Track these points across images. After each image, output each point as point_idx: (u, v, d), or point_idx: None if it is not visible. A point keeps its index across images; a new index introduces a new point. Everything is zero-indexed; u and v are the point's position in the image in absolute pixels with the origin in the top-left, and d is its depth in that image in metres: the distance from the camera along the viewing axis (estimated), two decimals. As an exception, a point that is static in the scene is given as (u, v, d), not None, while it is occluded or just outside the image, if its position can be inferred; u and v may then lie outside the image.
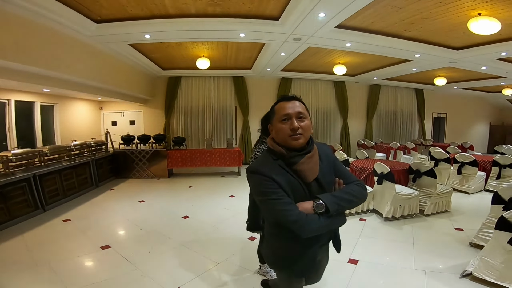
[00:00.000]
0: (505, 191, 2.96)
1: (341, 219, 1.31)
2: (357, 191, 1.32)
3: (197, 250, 3.22)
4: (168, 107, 9.04)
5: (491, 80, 8.54)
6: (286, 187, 1.23)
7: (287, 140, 1.26)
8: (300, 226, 1.19)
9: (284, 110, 1.27)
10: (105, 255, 3.10)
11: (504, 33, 4.36)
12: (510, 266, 2.33)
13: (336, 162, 1.42)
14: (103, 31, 4.76)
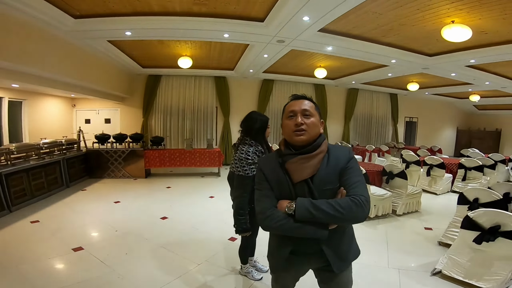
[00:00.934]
0: (470, 192, 3.14)
1: (314, 230, 1.18)
2: (345, 206, 1.15)
3: (176, 251, 3.15)
4: (147, 106, 8.79)
5: (459, 86, 9.08)
6: (272, 182, 1.28)
7: (291, 135, 1.27)
8: (260, 218, 1.26)
9: (291, 107, 1.30)
10: (78, 257, 2.95)
11: (474, 40, 4.57)
12: (476, 264, 2.44)
13: (348, 171, 1.25)
14: (81, 27, 4.56)
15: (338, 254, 1.30)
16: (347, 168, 1.25)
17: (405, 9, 3.80)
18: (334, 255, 1.29)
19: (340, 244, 1.31)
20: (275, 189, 1.28)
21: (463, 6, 3.60)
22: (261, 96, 9.57)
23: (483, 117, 13.76)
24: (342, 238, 1.33)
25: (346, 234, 1.35)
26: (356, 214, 1.16)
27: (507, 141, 12.80)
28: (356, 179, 1.23)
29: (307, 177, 1.23)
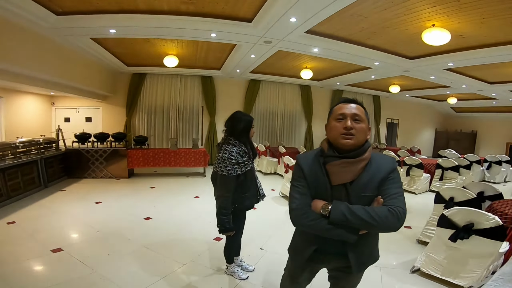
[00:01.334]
0: (446, 191, 3.28)
1: (345, 233, 1.20)
2: (381, 214, 1.15)
3: (161, 252, 3.11)
4: (131, 105, 8.59)
5: (438, 89, 9.47)
6: (310, 178, 1.29)
7: (338, 138, 1.25)
8: (294, 215, 1.28)
9: (341, 109, 1.27)
10: (57, 258, 2.87)
11: (452, 44, 4.76)
12: (452, 262, 2.52)
13: (389, 181, 1.24)
14: (63, 24, 4.43)
15: (360, 257, 1.32)
16: (388, 178, 1.24)
17: (389, 12, 3.91)
18: (356, 258, 1.30)
19: (364, 249, 1.33)
20: (311, 188, 1.29)
21: (443, 10, 3.73)
22: (248, 96, 9.58)
23: (460, 119, 14.40)
24: (368, 243, 1.35)
25: (372, 239, 1.39)
26: (391, 224, 1.16)
27: (482, 143, 13.47)
28: (396, 191, 1.23)
29: (347, 181, 1.24)
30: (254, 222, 4.15)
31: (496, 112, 12.46)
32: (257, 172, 9.63)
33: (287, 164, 5.47)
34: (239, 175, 2.20)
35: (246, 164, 2.27)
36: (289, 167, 5.34)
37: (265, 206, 5.02)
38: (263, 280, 2.62)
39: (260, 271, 2.76)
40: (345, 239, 1.21)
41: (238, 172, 2.19)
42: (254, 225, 4.01)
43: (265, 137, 10.15)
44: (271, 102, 10.12)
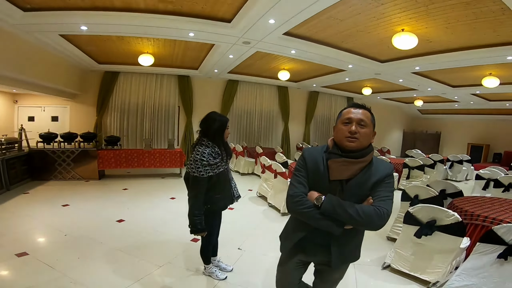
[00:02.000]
0: (411, 189, 3.47)
1: (331, 225, 1.29)
2: (367, 212, 1.26)
3: (135, 254, 3.05)
4: (102, 104, 8.24)
5: (406, 92, 9.97)
6: (310, 170, 1.41)
7: (342, 140, 1.36)
8: (290, 201, 1.39)
9: (348, 114, 1.38)
10: (23, 262, 2.73)
11: (419, 48, 4.98)
12: (419, 258, 2.63)
13: (383, 184, 1.34)
14: (30, 20, 4.19)
15: (342, 253, 1.42)
16: (384, 181, 1.35)
17: (363, 16, 4.05)
18: (338, 253, 1.40)
19: (347, 247, 1.44)
20: (311, 179, 1.41)
21: (413, 15, 3.91)
22: (225, 97, 9.55)
23: (426, 121, 15.29)
24: (351, 242, 1.45)
25: (356, 239, 1.48)
26: (375, 222, 1.27)
27: (445, 143, 14.39)
28: (386, 194, 1.33)
29: (344, 178, 1.35)
30: (231, 222, 4.17)
31: (458, 114, 13.36)
32: (234, 172, 9.59)
33: (264, 164, 5.52)
34: (211, 177, 2.20)
35: (219, 165, 2.26)
36: (266, 167, 5.40)
37: (243, 206, 5.05)
38: (242, 280, 2.64)
39: (238, 271, 2.79)
40: (331, 230, 1.31)
41: (210, 173, 2.19)
42: (232, 225, 4.03)
43: (242, 137, 10.17)
44: (249, 103, 10.15)
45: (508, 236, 2.04)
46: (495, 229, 2.13)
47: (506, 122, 12.10)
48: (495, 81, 6.46)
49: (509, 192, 4.61)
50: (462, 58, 5.47)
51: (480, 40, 4.64)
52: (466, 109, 12.42)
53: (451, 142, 14.13)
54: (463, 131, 13.66)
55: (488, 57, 5.22)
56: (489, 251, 2.13)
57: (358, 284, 2.64)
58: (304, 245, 1.47)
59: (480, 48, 4.94)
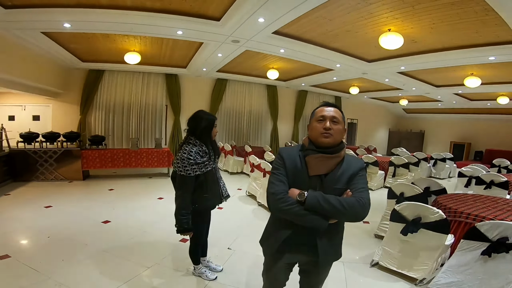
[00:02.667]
0: (397, 187, 3.52)
1: (317, 220, 1.32)
2: (350, 203, 1.31)
3: (123, 255, 2.98)
4: (85, 102, 8.02)
5: (392, 91, 10.19)
6: (289, 170, 1.44)
7: (318, 137, 1.41)
8: (272, 199, 1.40)
9: (322, 112, 1.45)
10: (5, 265, 2.64)
11: (405, 48, 5.08)
12: (405, 255, 2.66)
13: (357, 177, 1.41)
14: (11, 17, 4.05)
15: (328, 251, 1.45)
16: (358, 174, 1.42)
17: (351, 16, 4.09)
18: (324, 251, 1.43)
19: (331, 243, 1.47)
20: (290, 177, 1.43)
21: (399, 15, 3.99)
22: (214, 95, 9.48)
23: (411, 120, 15.67)
24: (335, 238, 1.50)
25: (338, 236, 1.53)
26: (358, 212, 1.32)
27: (429, 141, 14.80)
28: (362, 186, 1.40)
29: (322, 173, 1.40)
30: (221, 222, 4.14)
31: (442, 113, 13.76)
32: (223, 171, 9.53)
33: (253, 163, 5.51)
34: (198, 176, 2.18)
35: (207, 164, 2.24)
36: (255, 166, 5.39)
37: (232, 206, 5.03)
38: (232, 279, 2.63)
39: (229, 271, 2.77)
40: (317, 225, 1.33)
41: (198, 172, 2.17)
42: (221, 225, 4.00)
43: (231, 136, 10.14)
44: (238, 102, 10.12)
45: (491, 233, 2.10)
46: (478, 226, 2.20)
47: (487, 121, 12.55)
48: (477, 81, 6.67)
49: (491, 189, 4.77)
50: (445, 58, 5.62)
51: (463, 40, 4.77)
52: (449, 109, 12.80)
53: (435, 140, 14.54)
54: (446, 130, 14.07)
55: (470, 57, 5.38)
56: (473, 247, 2.19)
57: (348, 281, 2.67)
58: (289, 245, 1.47)
59: (462, 48, 5.08)
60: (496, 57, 5.18)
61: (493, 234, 2.10)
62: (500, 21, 3.79)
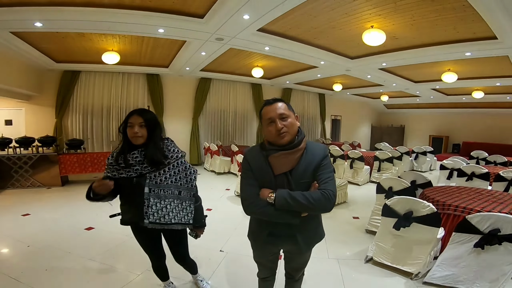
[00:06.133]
0: (385, 182, 3.55)
1: (289, 216, 1.38)
2: (316, 198, 1.34)
3: (110, 263, 2.85)
4: (61, 105, 7.60)
5: (373, 87, 10.40)
6: (256, 172, 1.47)
7: (276, 140, 1.43)
8: (245, 204, 1.45)
9: (268, 114, 1.43)
10: None
11: (386, 45, 5.16)
12: (399, 250, 2.68)
13: (322, 167, 1.43)
14: None
15: (306, 238, 1.52)
16: (321, 165, 1.44)
17: (336, 12, 4.09)
18: (303, 239, 1.50)
19: (309, 231, 1.54)
20: (258, 179, 1.46)
21: (382, 12, 4.03)
22: (198, 95, 9.30)
23: (391, 115, 16.12)
24: (311, 226, 1.54)
25: (313, 221, 1.57)
26: (325, 205, 1.36)
27: (409, 135, 15.28)
28: (327, 176, 1.42)
29: (286, 170, 1.42)
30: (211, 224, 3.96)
31: (420, 108, 14.25)
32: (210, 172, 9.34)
33: (241, 162, 5.44)
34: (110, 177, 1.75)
35: (115, 168, 1.77)
36: (244, 166, 5.32)
37: (221, 206, 4.97)
38: (228, 283, 2.57)
39: (223, 274, 2.71)
40: (290, 222, 1.39)
41: (108, 173, 1.81)
42: (211, 227, 3.83)
43: (217, 136, 10.00)
44: (223, 101, 9.98)
45: (482, 225, 2.14)
46: (469, 218, 2.24)
47: (463, 115, 13.12)
48: (453, 77, 6.91)
49: (472, 181, 4.95)
50: (424, 54, 5.76)
51: (441, 36, 4.90)
52: (427, 103, 13.27)
53: (414, 134, 15.05)
54: (424, 124, 14.59)
55: (447, 53, 5.55)
56: (465, 240, 2.23)
57: (344, 278, 2.66)
58: (272, 238, 1.53)
59: (441, 44, 5.22)
60: (472, 52, 5.37)
61: (484, 226, 2.14)
62: (477, 18, 3.91)
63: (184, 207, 1.82)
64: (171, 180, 1.78)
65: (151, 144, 1.73)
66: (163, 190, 1.75)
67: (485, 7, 3.52)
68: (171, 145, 1.84)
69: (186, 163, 1.87)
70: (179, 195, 1.80)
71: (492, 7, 3.47)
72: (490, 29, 4.19)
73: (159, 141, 1.78)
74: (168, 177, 1.77)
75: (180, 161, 1.83)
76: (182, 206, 1.81)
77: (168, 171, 1.77)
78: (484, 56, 5.55)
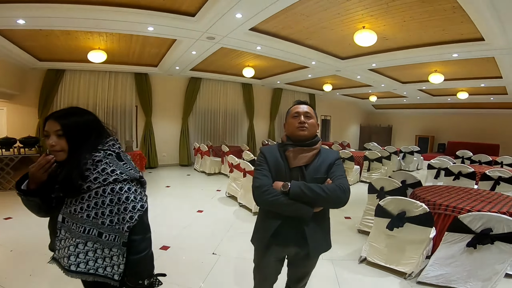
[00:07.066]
0: (377, 182, 3.58)
1: (303, 208, 1.39)
2: (331, 189, 1.40)
3: None
4: (44, 105, 7.30)
5: (362, 88, 10.51)
6: (271, 163, 1.53)
7: (294, 131, 1.54)
8: (257, 192, 1.46)
9: (296, 109, 1.59)
10: None
11: (377, 46, 5.14)
12: (392, 250, 2.70)
13: (335, 166, 1.52)
14: None
15: (316, 242, 1.50)
16: (335, 164, 1.53)
17: (328, 13, 4.08)
18: (313, 241, 1.48)
19: (319, 231, 1.52)
20: (273, 171, 1.52)
21: (374, 12, 4.04)
22: (188, 95, 9.17)
23: (379, 115, 16.38)
24: (321, 226, 1.54)
25: (324, 224, 1.58)
26: (340, 197, 1.40)
27: (397, 135, 15.58)
28: (340, 173, 1.51)
29: (301, 164, 1.49)
30: (202, 226, 4.01)
31: (407, 108, 14.54)
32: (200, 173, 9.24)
33: (232, 163, 5.39)
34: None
35: None
36: (234, 166, 5.27)
37: (212, 208, 4.91)
38: (221, 286, 2.52)
39: (217, 278, 2.65)
40: (302, 213, 1.40)
41: None
42: (203, 229, 3.87)
43: (207, 136, 9.89)
44: (213, 101, 9.88)
45: (474, 225, 2.17)
46: (461, 217, 2.27)
47: (448, 115, 13.47)
48: (440, 78, 7.06)
49: (459, 180, 5.07)
50: (413, 55, 5.84)
51: (430, 38, 4.96)
52: (414, 104, 13.55)
53: (401, 134, 15.35)
54: (411, 124, 14.90)
55: (435, 54, 5.63)
56: (458, 240, 2.26)
57: (339, 280, 2.65)
58: (278, 239, 1.52)
59: (429, 45, 5.29)
60: (458, 54, 5.48)
61: (476, 226, 2.17)
62: (466, 19, 3.96)
63: (108, 256, 1.19)
64: (88, 213, 1.15)
65: (71, 160, 1.18)
66: (76, 225, 1.16)
67: (475, 8, 3.56)
68: (105, 161, 1.20)
69: (126, 193, 1.17)
70: (99, 237, 1.16)
71: (482, 8, 3.50)
72: (478, 30, 4.26)
73: (87, 153, 1.19)
74: (86, 208, 1.15)
75: (111, 188, 1.15)
76: (104, 253, 1.18)
77: (87, 200, 1.15)
78: (470, 57, 5.66)
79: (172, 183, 6.94)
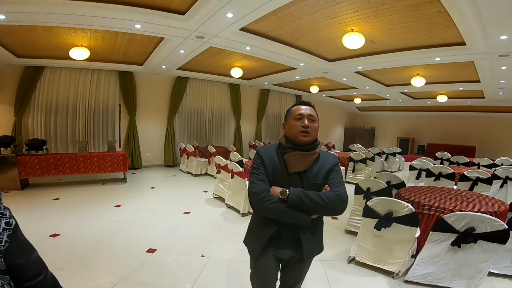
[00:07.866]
0: (363, 183, 3.67)
1: (301, 216, 1.37)
2: (330, 197, 1.37)
3: (81, 272, 2.65)
4: (21, 103, 6.96)
5: (348, 90, 10.67)
6: (269, 168, 1.46)
7: (297, 135, 1.45)
8: (255, 199, 1.41)
9: (299, 110, 1.49)
10: None
11: (364, 48, 5.21)
12: (380, 250, 2.76)
13: (334, 172, 1.49)
14: None
15: (310, 244, 1.50)
16: (333, 170, 1.49)
17: (319, 15, 4.10)
18: (307, 244, 1.47)
19: (314, 237, 1.52)
20: (270, 175, 1.46)
21: (363, 15, 4.09)
22: (174, 94, 9.02)
23: (363, 117, 16.75)
24: (316, 231, 1.54)
25: (319, 229, 1.57)
26: (338, 206, 1.38)
27: (379, 137, 15.98)
28: (339, 180, 1.47)
29: (301, 170, 1.45)
30: (190, 228, 3.96)
31: (389, 110, 14.95)
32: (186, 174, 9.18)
33: (219, 164, 5.34)
34: None
35: None
36: (222, 167, 5.23)
37: (200, 209, 4.86)
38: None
39: (207, 281, 2.61)
40: (300, 221, 1.38)
41: None
42: (191, 231, 3.81)
43: (193, 137, 9.77)
44: (200, 101, 9.77)
45: (458, 224, 2.26)
46: (445, 217, 2.35)
47: (427, 118, 13.96)
48: (422, 81, 7.30)
49: (440, 181, 5.26)
50: (397, 59, 5.97)
51: (415, 41, 5.08)
52: (396, 106, 13.95)
53: (384, 136, 15.76)
54: (393, 126, 15.33)
55: (419, 58, 5.77)
56: (442, 239, 2.34)
57: (330, 280, 2.69)
58: (274, 243, 1.50)
59: (413, 49, 5.43)
60: (441, 58, 5.63)
61: (460, 225, 2.26)
62: (450, 24, 4.07)
63: None
64: None
65: None
66: None
67: (459, 12, 3.64)
68: None
69: None
70: None
71: (466, 11, 3.57)
72: (460, 34, 4.38)
73: None
74: None
75: None
76: None
77: None
78: (451, 61, 5.83)
79: (157, 184, 6.81)
